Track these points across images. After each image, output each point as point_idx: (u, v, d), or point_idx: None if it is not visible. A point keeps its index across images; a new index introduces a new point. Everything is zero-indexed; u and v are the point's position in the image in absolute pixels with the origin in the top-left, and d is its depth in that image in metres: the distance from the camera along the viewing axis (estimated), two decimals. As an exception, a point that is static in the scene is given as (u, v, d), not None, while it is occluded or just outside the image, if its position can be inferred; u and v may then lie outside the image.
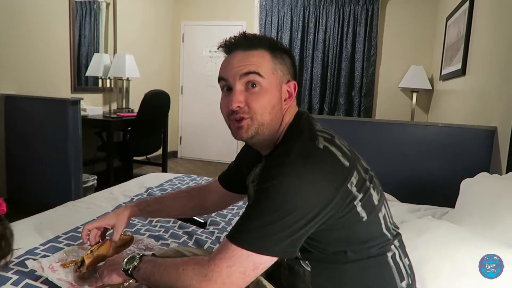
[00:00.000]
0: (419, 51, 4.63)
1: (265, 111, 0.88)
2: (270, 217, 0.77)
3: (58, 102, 3.00)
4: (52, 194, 3.00)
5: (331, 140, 0.86)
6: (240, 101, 0.88)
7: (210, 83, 5.48)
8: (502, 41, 2.18)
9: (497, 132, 2.15)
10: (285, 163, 0.79)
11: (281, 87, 0.91)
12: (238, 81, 0.88)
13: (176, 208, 1.27)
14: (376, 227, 0.88)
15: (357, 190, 0.82)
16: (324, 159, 0.81)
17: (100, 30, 4.23)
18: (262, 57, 0.89)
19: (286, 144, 0.87)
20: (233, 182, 1.21)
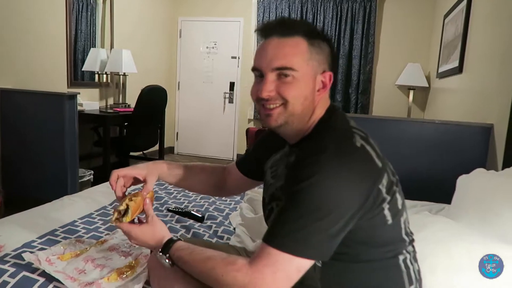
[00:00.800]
0: (416, 49, 4.64)
1: (297, 101, 0.85)
2: (310, 219, 0.74)
3: (54, 97, 2.98)
4: (48, 189, 2.98)
5: (367, 139, 0.84)
6: (270, 90, 0.85)
7: (207, 79, 5.47)
8: (499, 39, 2.19)
9: (493, 129, 2.16)
10: (322, 161, 0.76)
11: (315, 78, 0.88)
12: (270, 72, 0.86)
13: (200, 180, 1.21)
14: (397, 232, 0.87)
15: (386, 192, 0.81)
16: (361, 159, 0.79)
17: (97, 25, 4.20)
18: (296, 46, 0.85)
19: (319, 138, 0.84)
20: (250, 167, 1.17)
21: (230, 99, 5.44)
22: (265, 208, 1.01)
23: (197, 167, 1.22)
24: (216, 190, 1.24)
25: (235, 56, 5.34)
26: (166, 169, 1.16)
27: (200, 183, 1.21)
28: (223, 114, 5.51)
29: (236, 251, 1.15)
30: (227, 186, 1.22)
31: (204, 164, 1.25)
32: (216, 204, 1.92)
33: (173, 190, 2.07)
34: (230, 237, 1.54)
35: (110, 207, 1.75)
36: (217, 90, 5.47)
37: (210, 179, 1.22)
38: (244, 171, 1.19)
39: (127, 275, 1.14)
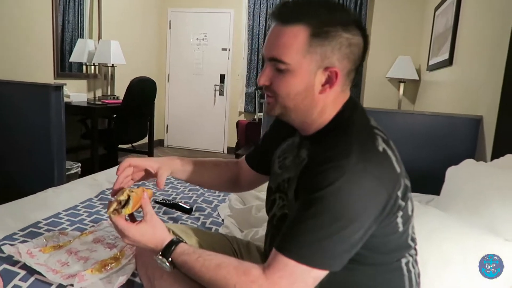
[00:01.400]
0: (407, 42, 4.64)
1: (287, 97, 0.81)
2: (331, 230, 0.70)
3: (40, 88, 2.91)
4: (35, 182, 2.93)
5: (388, 142, 0.79)
6: (265, 80, 0.83)
7: (197, 71, 5.42)
8: (489, 32, 2.19)
9: (482, 121, 2.16)
10: (344, 167, 0.71)
11: (315, 73, 0.79)
12: (268, 62, 0.83)
13: (213, 175, 1.14)
14: (405, 239, 0.84)
15: (401, 198, 0.77)
16: (383, 165, 0.74)
17: (84, 15, 4.12)
18: (295, 36, 0.78)
19: (338, 137, 0.78)
20: (259, 161, 1.12)
21: (220, 91, 5.40)
22: (268, 198, 0.99)
23: (210, 162, 1.16)
24: (230, 185, 1.18)
25: (226, 48, 5.29)
26: (179, 164, 1.08)
27: (213, 178, 1.15)
28: (214, 106, 5.47)
29: (227, 240, 1.13)
30: (241, 181, 1.17)
31: (217, 159, 1.18)
32: (204, 195, 1.89)
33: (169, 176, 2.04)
34: (218, 229, 1.52)
35: (96, 199, 1.72)
36: (207, 83, 5.42)
37: (224, 175, 1.15)
38: (254, 165, 1.13)
39: (111, 267, 1.11)
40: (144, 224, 0.87)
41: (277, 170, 0.97)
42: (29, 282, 1.02)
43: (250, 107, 5.22)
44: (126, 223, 0.87)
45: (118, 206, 0.88)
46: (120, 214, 0.87)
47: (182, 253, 0.82)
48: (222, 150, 5.51)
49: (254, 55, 5.10)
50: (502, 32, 1.92)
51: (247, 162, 1.14)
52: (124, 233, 0.86)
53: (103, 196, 1.74)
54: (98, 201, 1.69)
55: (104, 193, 1.78)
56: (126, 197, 0.88)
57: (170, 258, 0.83)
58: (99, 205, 1.63)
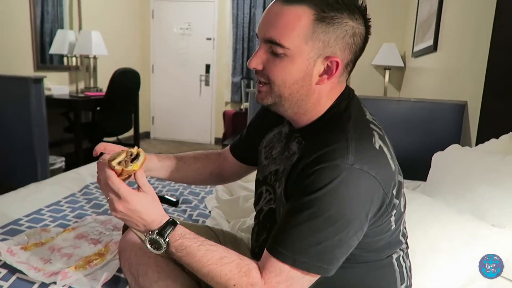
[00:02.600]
0: (392, 29, 4.64)
1: (284, 84, 0.74)
2: (327, 232, 0.68)
3: (19, 81, 2.84)
4: (18, 178, 2.86)
5: (383, 138, 0.76)
6: (257, 64, 0.76)
7: (182, 61, 5.34)
8: (472, 17, 2.19)
9: (467, 106, 2.18)
10: (341, 166, 0.67)
11: (315, 61, 0.74)
12: (263, 43, 0.75)
13: (195, 169, 1.07)
14: (397, 235, 0.83)
15: (396, 196, 0.75)
16: (379, 163, 0.71)
17: (63, 5, 4.01)
18: (298, 18, 0.71)
19: (333, 132, 0.74)
20: (244, 152, 1.07)
21: (206, 81, 5.34)
22: (256, 191, 0.96)
23: (189, 156, 1.09)
24: (214, 178, 1.12)
25: (210, 38, 5.22)
26: (156, 161, 1.01)
27: (195, 172, 1.08)
28: (200, 97, 5.42)
29: (213, 233, 1.10)
30: (225, 173, 1.11)
31: (196, 152, 1.12)
32: (191, 187, 1.87)
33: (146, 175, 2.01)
34: (206, 221, 1.50)
35: (80, 194, 1.68)
36: (192, 73, 5.35)
37: (206, 167, 1.09)
38: (239, 156, 1.08)
39: (96, 263, 1.09)
40: (144, 193, 0.75)
41: (264, 160, 0.94)
42: (10, 281, 0.99)
43: (237, 97, 5.18)
44: (128, 187, 0.74)
45: (128, 158, 0.75)
46: (127, 169, 0.74)
47: (182, 236, 0.73)
48: (209, 141, 5.47)
49: (239, 44, 5.04)
50: (485, 17, 1.92)
51: (232, 153, 1.09)
52: (122, 198, 0.73)
53: (87, 191, 1.70)
54: (81, 196, 1.65)
55: (88, 188, 1.75)
56: (136, 153, 0.76)
57: (167, 239, 0.73)
58: (82, 200, 1.60)
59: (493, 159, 1.30)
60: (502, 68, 1.79)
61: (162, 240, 0.73)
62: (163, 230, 0.74)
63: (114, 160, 0.74)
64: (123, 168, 0.74)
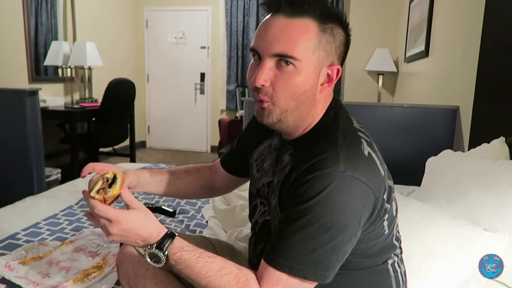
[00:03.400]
0: (384, 34, 4.69)
1: (291, 97, 0.75)
2: (322, 239, 0.69)
3: (14, 93, 2.84)
4: (14, 190, 2.85)
5: (371, 144, 0.78)
6: (266, 80, 0.75)
7: (177, 70, 5.36)
8: (462, 21, 2.22)
9: (459, 111, 2.20)
10: (332, 174, 0.68)
11: (320, 70, 0.76)
12: (270, 58, 0.74)
13: (187, 183, 1.07)
14: (390, 240, 0.83)
15: (387, 200, 0.76)
16: (369, 169, 0.73)
17: (58, 16, 4.02)
18: (305, 31, 0.73)
19: (323, 142, 0.75)
20: (235, 164, 1.07)
21: (201, 90, 5.36)
22: (250, 204, 0.96)
23: (181, 170, 1.10)
24: (206, 191, 1.13)
25: (205, 46, 5.25)
26: (148, 175, 1.01)
27: (187, 186, 1.08)
28: (195, 105, 5.43)
29: (210, 243, 1.11)
30: (216, 185, 1.12)
31: (187, 166, 1.13)
32: (188, 197, 1.88)
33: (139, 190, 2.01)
34: (203, 231, 1.51)
35: (77, 206, 1.69)
36: (187, 81, 5.37)
37: (198, 181, 1.10)
38: (230, 169, 1.09)
39: (94, 276, 1.09)
40: (134, 210, 0.75)
41: (256, 173, 0.95)
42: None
43: (232, 104, 5.20)
44: (115, 209, 0.73)
45: (105, 184, 0.76)
46: (107, 195, 0.74)
47: (180, 248, 0.73)
48: (205, 149, 5.48)
49: (233, 52, 5.07)
50: (474, 22, 1.96)
51: (223, 166, 1.10)
52: (114, 221, 0.72)
53: (84, 203, 1.71)
54: (78, 209, 1.65)
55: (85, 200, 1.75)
56: (112, 176, 0.77)
57: (167, 252, 0.73)
58: (79, 213, 1.60)
59: (485, 164, 1.32)
60: (492, 73, 1.82)
61: (161, 254, 0.73)
62: (162, 244, 0.73)
63: (93, 190, 0.74)
64: (103, 195, 0.74)
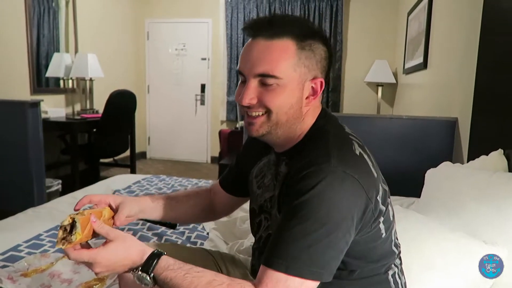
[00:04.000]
0: (383, 46, 4.74)
1: (281, 111, 0.79)
2: (318, 234, 0.69)
3: (16, 105, 2.86)
4: (14, 201, 2.86)
5: (363, 147, 0.81)
6: (251, 98, 0.79)
7: (177, 81, 5.40)
8: (460, 35, 2.25)
9: (457, 122, 2.22)
10: (325, 170, 0.71)
11: (303, 85, 0.80)
12: (253, 78, 0.79)
13: (189, 206, 1.08)
14: (389, 245, 0.84)
15: (382, 203, 0.78)
16: (361, 167, 0.76)
17: (59, 28, 4.07)
18: (284, 51, 0.77)
19: (316, 146, 0.78)
20: (235, 184, 1.08)
21: (201, 101, 5.39)
22: (253, 220, 0.97)
23: (181, 195, 1.11)
24: (207, 214, 1.12)
25: (205, 58, 5.30)
26: (149, 201, 1.01)
27: (188, 210, 1.08)
28: (195, 116, 5.46)
29: (210, 254, 1.11)
30: (216, 208, 1.12)
31: (187, 190, 1.15)
32: (189, 209, 1.88)
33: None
34: (204, 242, 1.52)
35: (78, 217, 1.69)
36: (188, 93, 5.40)
37: (198, 204, 1.09)
38: (229, 189, 1.09)
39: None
40: (111, 243, 0.75)
41: (256, 190, 0.96)
42: (11, 309, 1.00)
43: (232, 115, 5.23)
44: (89, 251, 0.74)
45: (65, 234, 0.74)
46: (73, 243, 0.73)
47: (165, 268, 0.74)
48: (206, 160, 5.49)
49: (233, 63, 5.11)
50: (471, 35, 1.99)
51: (222, 187, 1.10)
52: (92, 262, 0.73)
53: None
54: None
55: (86, 211, 1.75)
56: (70, 221, 0.74)
57: (152, 274, 0.73)
58: (81, 224, 1.61)
59: (483, 176, 1.33)
60: (490, 85, 1.84)
61: (146, 276, 0.74)
62: (146, 266, 0.74)
63: (57, 243, 0.73)
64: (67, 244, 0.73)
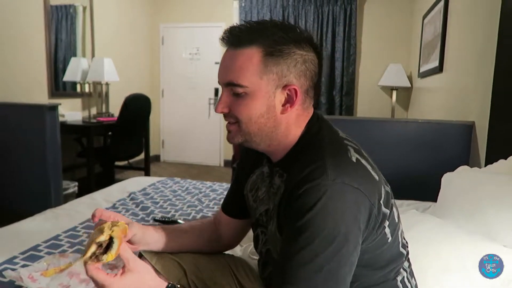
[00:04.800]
0: (397, 50, 4.71)
1: (250, 120, 0.78)
2: (327, 253, 0.66)
3: (35, 108, 2.93)
4: (32, 203, 2.91)
5: (360, 151, 0.78)
6: (223, 107, 0.80)
7: (191, 85, 5.44)
8: (476, 38, 2.23)
9: (474, 126, 2.19)
10: (323, 184, 0.68)
11: (274, 93, 0.78)
12: (225, 87, 0.80)
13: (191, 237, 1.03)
14: (396, 248, 0.82)
15: (385, 206, 0.75)
16: (360, 174, 0.73)
17: (77, 34, 4.15)
18: (249, 59, 0.76)
19: (309, 155, 0.76)
20: (237, 206, 1.03)
21: (215, 104, 5.41)
22: (253, 234, 0.96)
23: (185, 225, 1.10)
24: (212, 245, 1.06)
25: (218, 62, 5.30)
26: (153, 231, 0.96)
27: (192, 240, 1.03)
28: (209, 120, 5.49)
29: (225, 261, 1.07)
30: (223, 236, 1.06)
31: (190, 222, 1.13)
32: (203, 211, 1.90)
33: (159, 200, 2.04)
34: (218, 245, 1.52)
35: (95, 219, 1.72)
36: (201, 96, 5.44)
37: (202, 235, 1.05)
38: (232, 213, 1.04)
39: None
40: (129, 274, 0.73)
41: (253, 204, 0.94)
42: (31, 307, 1.02)
43: (245, 119, 5.24)
44: (107, 276, 0.72)
45: (99, 250, 0.71)
46: (100, 262, 0.70)
47: None
48: (219, 163, 5.51)
49: (247, 67, 5.13)
50: (489, 37, 1.96)
51: (225, 212, 1.06)
52: (106, 286, 0.72)
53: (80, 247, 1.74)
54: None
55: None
56: (108, 238, 0.71)
57: None
58: (98, 225, 1.63)
59: (502, 180, 1.32)
60: (507, 89, 1.81)
61: None
62: None
63: (85, 256, 0.70)
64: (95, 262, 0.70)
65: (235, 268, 1.07)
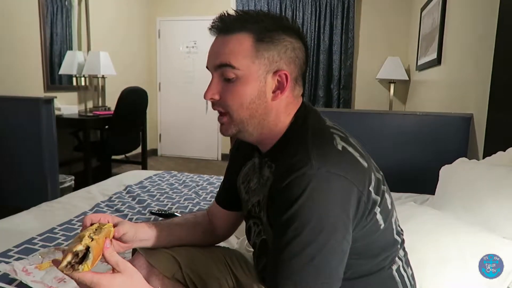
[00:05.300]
0: (395, 42, 4.69)
1: (241, 106, 0.77)
2: (317, 243, 0.66)
3: (30, 102, 2.90)
4: (28, 197, 2.89)
5: (346, 139, 0.77)
6: (213, 93, 0.79)
7: (188, 79, 5.42)
8: (474, 30, 2.22)
9: (473, 119, 2.18)
10: (307, 174, 0.67)
11: (265, 78, 0.77)
12: (215, 72, 0.80)
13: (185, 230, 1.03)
14: (389, 234, 0.81)
15: (375, 193, 0.74)
16: (346, 162, 0.72)
17: (72, 27, 4.11)
18: (240, 43, 0.76)
19: (295, 145, 0.75)
20: (230, 198, 1.03)
21: (211, 98, 5.39)
22: (246, 227, 0.96)
23: (178, 220, 1.08)
24: (208, 237, 1.06)
25: (216, 55, 5.30)
26: (146, 227, 0.95)
27: (186, 235, 1.03)
28: (206, 114, 5.46)
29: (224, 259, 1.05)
30: (217, 228, 1.07)
31: (184, 215, 1.11)
32: (200, 204, 1.89)
33: (156, 193, 2.03)
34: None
35: (91, 212, 1.71)
36: (199, 90, 5.40)
37: (197, 228, 1.05)
38: (226, 205, 1.05)
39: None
40: (119, 275, 0.69)
41: (245, 196, 0.94)
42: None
43: (243, 113, 5.23)
44: (95, 274, 0.67)
45: (74, 259, 0.66)
46: (76, 271, 0.65)
47: None
48: (216, 157, 5.50)
49: (244, 61, 5.11)
50: (487, 30, 1.95)
51: (218, 204, 1.06)
52: (94, 286, 0.66)
53: (98, 209, 1.73)
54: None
55: (99, 206, 1.77)
56: (85, 248, 0.67)
57: None
58: (94, 219, 1.62)
59: (501, 172, 1.31)
60: (507, 80, 1.80)
61: None
62: None
63: (61, 265, 0.65)
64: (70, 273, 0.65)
65: (230, 261, 1.06)
